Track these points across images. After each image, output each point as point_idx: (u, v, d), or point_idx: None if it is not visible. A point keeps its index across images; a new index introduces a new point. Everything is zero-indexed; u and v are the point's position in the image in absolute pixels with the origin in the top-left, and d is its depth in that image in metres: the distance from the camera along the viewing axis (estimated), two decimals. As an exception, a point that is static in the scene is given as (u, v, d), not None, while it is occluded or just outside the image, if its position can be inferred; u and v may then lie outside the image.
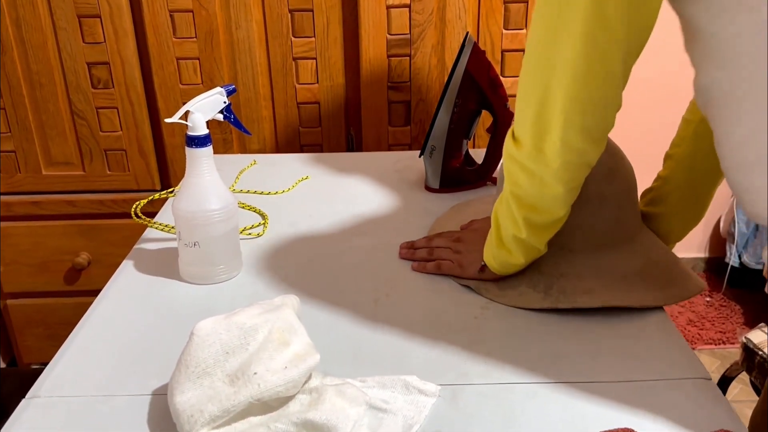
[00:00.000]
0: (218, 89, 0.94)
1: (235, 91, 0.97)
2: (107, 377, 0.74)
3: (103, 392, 0.71)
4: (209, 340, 0.65)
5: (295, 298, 0.74)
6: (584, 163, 0.73)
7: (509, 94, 1.40)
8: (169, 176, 1.55)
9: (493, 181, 1.22)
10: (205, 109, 0.92)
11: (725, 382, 1.45)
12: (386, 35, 1.42)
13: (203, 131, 0.87)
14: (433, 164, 1.18)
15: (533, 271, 0.87)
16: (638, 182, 0.91)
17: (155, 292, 0.90)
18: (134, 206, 1.02)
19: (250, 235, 1.05)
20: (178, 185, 1.05)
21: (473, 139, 1.46)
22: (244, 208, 1.14)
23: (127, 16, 1.40)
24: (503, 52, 1.45)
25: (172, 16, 1.40)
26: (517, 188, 0.77)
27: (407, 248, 0.98)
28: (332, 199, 1.18)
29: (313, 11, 1.41)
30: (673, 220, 0.93)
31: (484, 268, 0.87)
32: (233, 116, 0.98)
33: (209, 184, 0.89)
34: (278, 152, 1.53)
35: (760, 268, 2.20)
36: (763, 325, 1.38)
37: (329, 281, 0.92)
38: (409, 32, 1.42)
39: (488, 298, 0.87)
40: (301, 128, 1.51)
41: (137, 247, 1.02)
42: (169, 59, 1.43)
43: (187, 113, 0.88)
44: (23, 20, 1.40)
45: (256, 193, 1.20)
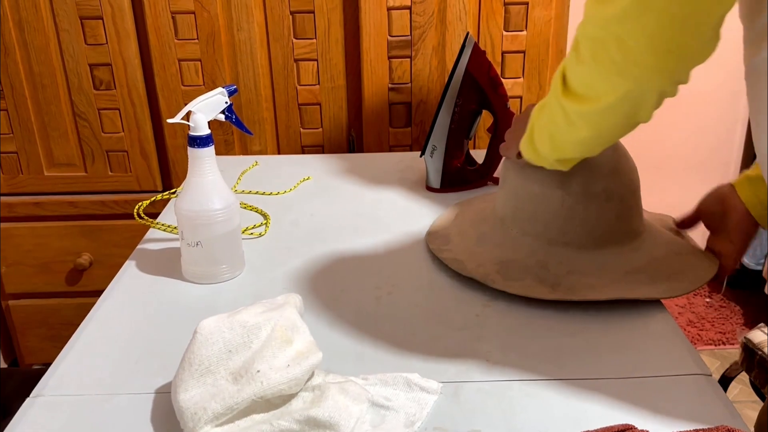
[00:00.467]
0: (220, 89, 0.94)
1: (236, 91, 0.97)
2: (111, 376, 0.74)
3: (106, 391, 0.72)
4: (212, 338, 0.65)
5: (297, 296, 0.74)
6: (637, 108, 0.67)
7: (510, 95, 1.41)
8: (170, 177, 1.55)
9: (494, 180, 1.22)
10: (206, 109, 0.92)
11: (725, 382, 1.45)
12: (387, 37, 1.42)
13: (205, 131, 0.88)
14: (434, 164, 1.19)
15: (539, 267, 0.87)
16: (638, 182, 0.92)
17: (158, 291, 0.91)
18: (137, 207, 1.02)
19: (252, 235, 1.05)
20: (180, 186, 1.06)
21: (474, 139, 1.46)
22: (246, 208, 1.14)
23: (129, 17, 1.41)
24: (503, 53, 1.45)
25: (173, 17, 1.41)
26: (552, 125, 0.76)
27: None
28: (333, 199, 1.18)
29: (314, 13, 1.42)
30: None
31: (520, 154, 0.89)
32: (235, 116, 0.98)
33: (211, 183, 0.89)
34: (279, 153, 1.53)
35: (759, 268, 2.20)
36: (762, 325, 1.38)
37: (331, 280, 0.93)
38: (409, 34, 1.43)
39: (495, 288, 0.86)
40: (302, 129, 1.52)
41: (140, 247, 1.02)
42: (170, 61, 1.44)
43: (189, 114, 0.89)
44: (26, 22, 1.41)
45: (258, 193, 1.20)
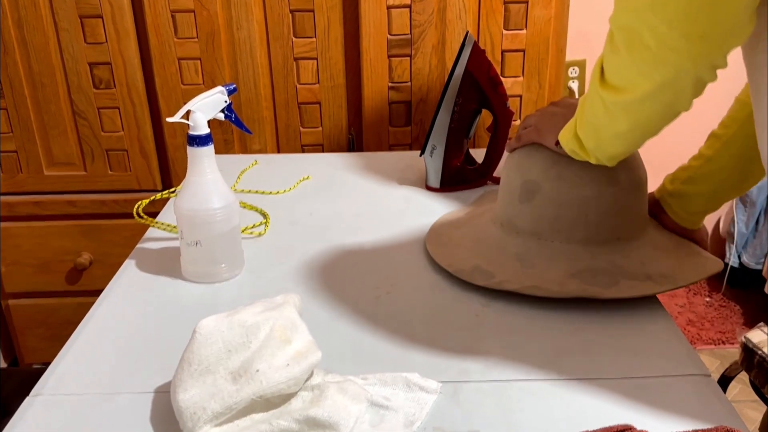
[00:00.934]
0: (219, 88, 0.94)
1: (236, 90, 0.97)
2: (110, 375, 0.74)
3: (106, 390, 0.72)
4: (212, 338, 0.65)
5: (296, 296, 0.74)
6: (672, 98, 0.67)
7: (510, 94, 1.41)
8: (170, 176, 1.55)
9: (493, 180, 1.22)
10: (206, 108, 0.92)
11: (725, 381, 1.45)
12: (387, 35, 1.42)
13: (205, 130, 0.88)
14: (433, 163, 1.18)
15: (552, 268, 0.87)
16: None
17: (157, 290, 0.91)
18: (136, 206, 1.02)
19: (251, 234, 1.05)
20: (179, 185, 1.06)
21: (474, 138, 1.46)
22: (245, 207, 1.14)
23: (128, 16, 1.41)
24: (503, 52, 1.45)
25: (173, 16, 1.41)
26: (594, 119, 0.75)
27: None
28: (333, 198, 1.18)
29: (314, 11, 1.41)
30: (713, 198, 0.90)
31: (558, 143, 0.87)
32: (234, 115, 0.98)
33: (211, 182, 0.89)
34: (279, 152, 1.53)
35: (759, 268, 2.20)
36: (762, 325, 1.38)
37: (330, 279, 0.92)
38: (409, 32, 1.42)
39: (509, 289, 0.85)
40: (302, 128, 1.51)
41: (139, 246, 1.02)
42: (170, 59, 1.44)
43: (188, 113, 0.89)
44: (25, 21, 1.41)
45: (257, 192, 1.20)
